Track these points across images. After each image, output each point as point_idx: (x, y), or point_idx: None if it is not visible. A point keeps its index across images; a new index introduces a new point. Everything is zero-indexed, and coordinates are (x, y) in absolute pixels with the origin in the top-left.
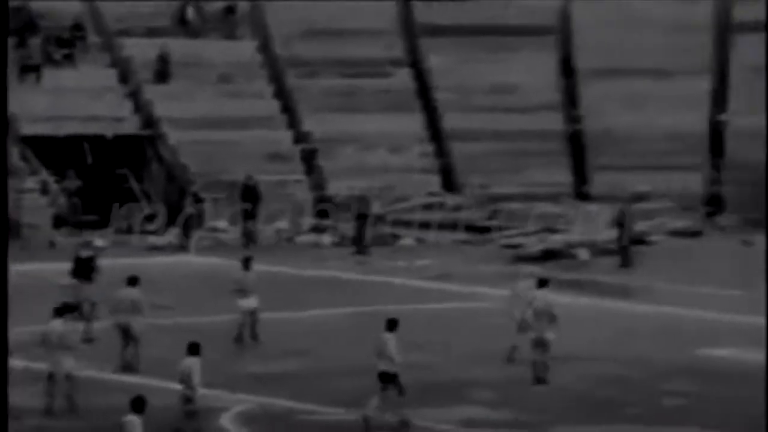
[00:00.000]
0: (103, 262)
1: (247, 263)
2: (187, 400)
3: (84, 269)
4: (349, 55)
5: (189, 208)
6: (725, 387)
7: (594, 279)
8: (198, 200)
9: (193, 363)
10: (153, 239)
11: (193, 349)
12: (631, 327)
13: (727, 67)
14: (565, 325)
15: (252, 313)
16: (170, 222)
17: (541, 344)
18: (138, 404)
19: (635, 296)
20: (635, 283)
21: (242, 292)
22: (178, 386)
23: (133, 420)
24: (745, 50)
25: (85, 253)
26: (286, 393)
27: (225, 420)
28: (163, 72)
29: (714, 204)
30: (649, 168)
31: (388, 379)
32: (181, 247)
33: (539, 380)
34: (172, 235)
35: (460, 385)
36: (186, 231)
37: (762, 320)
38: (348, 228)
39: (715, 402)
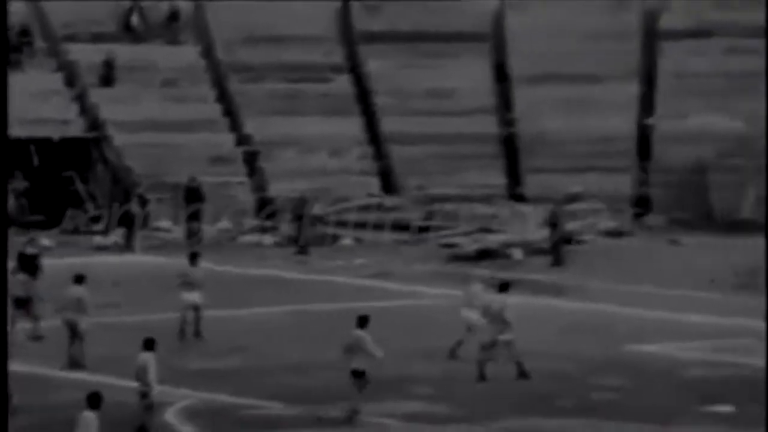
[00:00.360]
0: (50, 262)
1: (193, 258)
2: (143, 395)
3: (28, 266)
4: (289, 60)
5: (134, 209)
6: (653, 381)
7: (528, 278)
8: (143, 201)
9: (148, 358)
10: (98, 239)
11: (149, 345)
12: (563, 324)
13: (655, 72)
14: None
15: (195, 310)
16: (115, 222)
17: (492, 346)
18: (94, 400)
19: (567, 294)
20: (567, 281)
21: (187, 285)
22: (125, 382)
23: (89, 416)
24: (671, 57)
25: (30, 250)
26: (228, 388)
27: (169, 415)
28: (108, 76)
29: (642, 205)
30: (580, 170)
31: (360, 375)
32: (126, 247)
33: (522, 375)
34: (117, 235)
35: (400, 380)
36: (131, 231)
37: (685, 316)
38: (289, 228)
39: (644, 396)
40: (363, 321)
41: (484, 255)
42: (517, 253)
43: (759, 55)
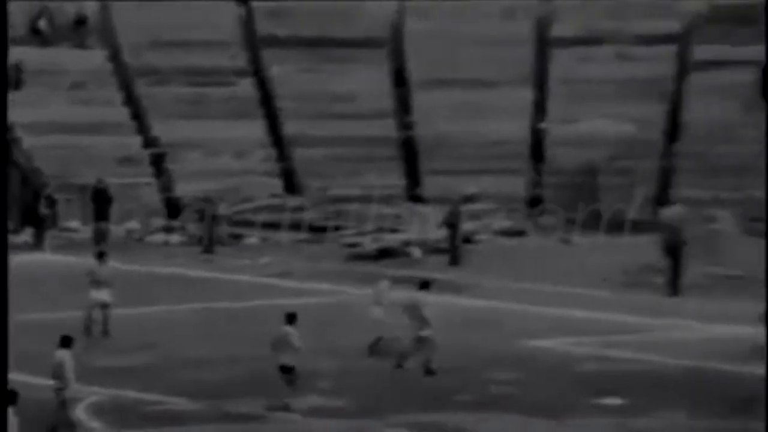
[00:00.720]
0: None
1: (101, 257)
2: (59, 390)
3: None
4: (195, 64)
5: (43, 209)
6: (548, 375)
7: (426, 276)
8: (51, 202)
9: (64, 355)
10: (9, 238)
11: (65, 342)
12: (461, 320)
13: (547, 78)
14: (403, 319)
15: (103, 307)
16: (25, 222)
17: (420, 341)
18: (10, 397)
19: (465, 292)
20: (464, 279)
21: (96, 283)
22: (36, 380)
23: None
24: (563, 63)
25: None
26: (135, 385)
27: (78, 411)
28: (16, 79)
29: (535, 205)
30: (477, 172)
31: (288, 370)
32: (36, 246)
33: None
34: (27, 235)
35: (306, 376)
36: (40, 231)
37: (577, 313)
38: (195, 228)
39: (539, 389)
40: (291, 317)
41: (384, 254)
42: (416, 252)
43: (647, 62)
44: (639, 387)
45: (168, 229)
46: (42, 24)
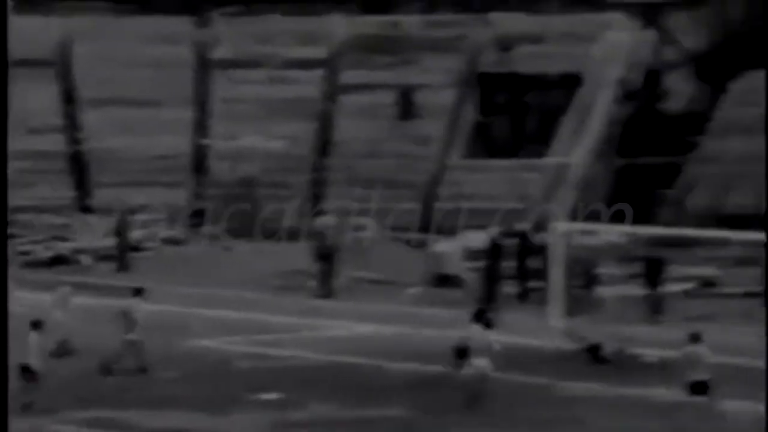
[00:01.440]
0: None
1: None
2: None
3: None
4: None
5: None
6: (211, 373)
7: (96, 282)
8: None
9: None
10: None
11: None
12: None
13: (207, 98)
14: (79, 323)
15: None
16: None
17: (130, 344)
18: None
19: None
20: (133, 284)
21: None
22: None
23: None
24: (221, 85)
25: None
26: None
27: None
28: None
29: (198, 216)
30: (143, 184)
31: (27, 370)
32: None
33: (141, 370)
34: None
35: None
36: None
37: (238, 314)
38: None
39: (204, 386)
40: (35, 325)
41: (56, 261)
42: (86, 259)
43: (297, 84)
44: (295, 382)
45: None
46: None
